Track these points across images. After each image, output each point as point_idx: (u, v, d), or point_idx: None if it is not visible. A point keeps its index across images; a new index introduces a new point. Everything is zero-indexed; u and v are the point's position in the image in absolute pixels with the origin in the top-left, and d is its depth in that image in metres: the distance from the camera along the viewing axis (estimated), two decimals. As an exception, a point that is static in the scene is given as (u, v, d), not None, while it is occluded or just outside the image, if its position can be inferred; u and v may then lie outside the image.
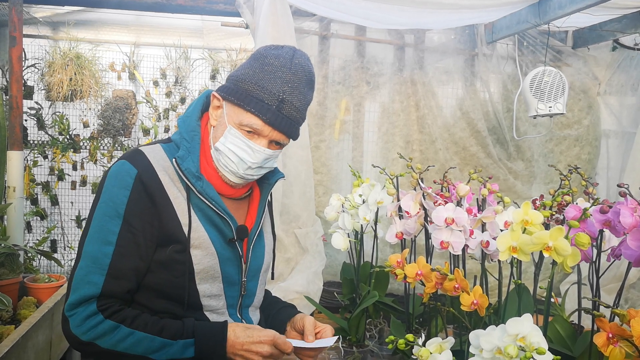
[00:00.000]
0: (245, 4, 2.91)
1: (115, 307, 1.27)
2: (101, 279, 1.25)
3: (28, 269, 2.89)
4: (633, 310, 1.17)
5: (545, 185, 3.53)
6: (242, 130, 1.34)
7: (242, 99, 1.32)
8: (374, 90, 3.36)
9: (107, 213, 1.28)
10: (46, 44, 3.30)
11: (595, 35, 3.31)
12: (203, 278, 1.35)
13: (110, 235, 1.27)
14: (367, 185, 2.20)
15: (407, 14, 2.97)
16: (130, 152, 1.37)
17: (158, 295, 1.34)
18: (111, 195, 1.29)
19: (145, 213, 1.29)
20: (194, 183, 1.33)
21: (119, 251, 1.27)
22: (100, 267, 1.26)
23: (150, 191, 1.30)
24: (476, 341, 1.20)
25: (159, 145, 1.41)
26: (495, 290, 1.93)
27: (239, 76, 1.34)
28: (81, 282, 1.26)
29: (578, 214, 1.50)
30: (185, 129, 1.39)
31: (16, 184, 2.79)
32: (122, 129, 3.31)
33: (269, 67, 1.32)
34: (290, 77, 1.32)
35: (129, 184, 1.29)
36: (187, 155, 1.35)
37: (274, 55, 1.33)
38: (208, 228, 1.36)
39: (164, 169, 1.34)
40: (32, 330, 2.00)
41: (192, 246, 1.33)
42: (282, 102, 1.31)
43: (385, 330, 2.25)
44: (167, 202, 1.31)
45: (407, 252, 1.85)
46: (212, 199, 1.35)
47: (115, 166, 1.33)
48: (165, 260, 1.32)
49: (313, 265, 2.86)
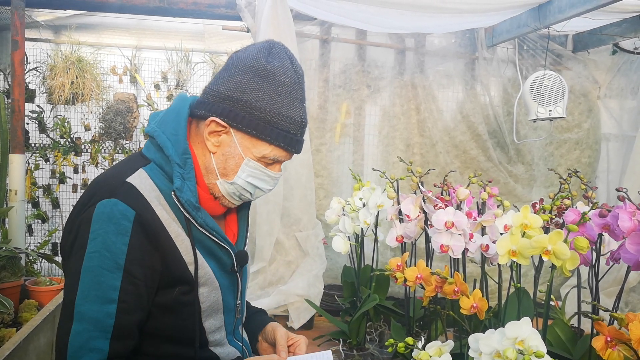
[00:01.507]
0: (246, 8, 2.92)
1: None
2: (106, 343, 1.08)
3: (29, 272, 2.90)
4: (631, 314, 1.17)
5: (546, 189, 3.53)
6: (262, 162, 1.22)
7: (266, 133, 1.18)
8: (375, 94, 3.37)
9: (103, 265, 1.09)
10: (48, 47, 3.31)
11: (595, 39, 3.32)
12: (209, 315, 1.24)
13: (111, 292, 1.09)
14: (367, 188, 2.20)
15: (407, 18, 2.98)
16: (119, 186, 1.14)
17: (164, 341, 1.20)
18: (106, 243, 1.09)
19: (145, 258, 1.13)
20: (195, 215, 1.18)
21: (123, 308, 1.09)
22: (104, 330, 1.08)
23: (151, 233, 1.13)
24: (475, 344, 1.20)
25: (142, 170, 1.19)
26: (495, 293, 1.93)
27: (251, 102, 1.18)
28: (81, 350, 1.07)
29: (577, 218, 1.50)
30: (174, 151, 1.19)
31: (18, 187, 2.80)
32: (123, 132, 3.32)
33: (283, 89, 1.19)
34: (301, 93, 1.22)
35: (127, 228, 1.10)
36: (182, 184, 1.17)
37: (280, 71, 1.20)
38: (209, 261, 1.23)
39: (159, 202, 1.16)
40: (33, 333, 2.01)
41: (199, 285, 1.20)
42: (303, 128, 1.23)
43: (385, 334, 2.25)
44: (169, 241, 1.16)
45: (407, 255, 1.85)
46: (213, 230, 1.21)
47: (105, 206, 1.11)
48: (170, 304, 1.17)
49: (314, 268, 2.87)
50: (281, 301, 2.74)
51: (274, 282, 2.85)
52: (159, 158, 1.21)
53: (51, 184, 3.34)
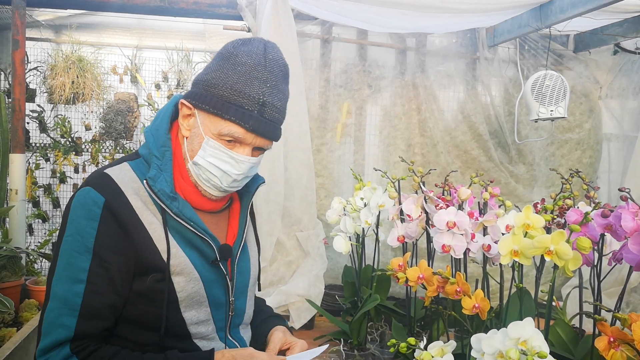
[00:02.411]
0: (247, 8, 2.92)
1: (91, 347, 1.16)
2: (73, 320, 1.13)
3: (30, 272, 2.90)
4: (634, 314, 1.17)
5: (547, 189, 3.53)
6: (221, 141, 1.22)
7: (218, 106, 1.20)
8: (376, 94, 3.37)
9: (74, 248, 1.16)
10: (49, 47, 3.31)
11: (597, 39, 3.32)
12: (188, 305, 1.24)
13: (80, 273, 1.15)
14: (368, 188, 2.20)
15: (408, 18, 2.97)
16: (96, 176, 1.22)
17: (140, 327, 1.22)
18: (78, 227, 1.16)
19: (117, 244, 1.17)
20: (169, 204, 1.21)
21: (91, 289, 1.14)
22: (72, 308, 1.14)
23: (121, 220, 1.17)
24: (478, 345, 1.20)
25: (126, 164, 1.27)
26: (496, 293, 1.93)
27: (209, 80, 1.21)
28: (52, 325, 1.14)
29: (579, 218, 1.50)
30: (154, 143, 1.25)
31: (18, 187, 2.80)
32: (123, 132, 3.32)
33: (242, 68, 1.19)
34: (267, 75, 1.20)
35: (96, 214, 1.16)
36: (158, 174, 1.22)
37: (245, 53, 1.21)
38: (188, 251, 1.24)
39: (135, 191, 1.21)
40: (34, 332, 2.00)
41: (172, 273, 1.21)
42: (263, 106, 1.20)
43: (386, 334, 2.25)
44: (141, 229, 1.19)
45: (408, 255, 1.85)
46: (190, 220, 1.23)
47: (80, 194, 1.19)
48: (145, 291, 1.20)
49: (314, 269, 2.86)
50: (282, 301, 2.74)
51: (275, 282, 2.85)
52: (146, 153, 1.27)
53: (52, 183, 3.33)
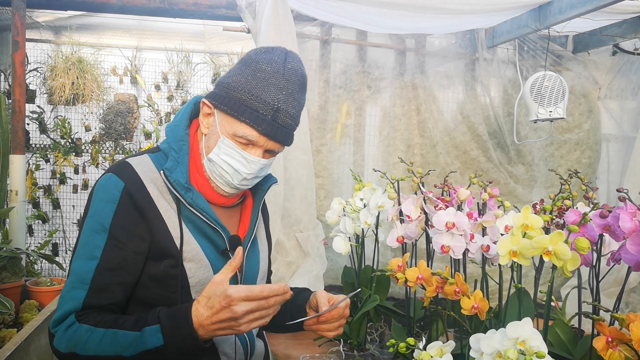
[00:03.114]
0: (247, 9, 2.92)
1: (94, 314, 1.23)
2: (83, 293, 1.22)
3: (30, 273, 2.90)
4: (632, 315, 1.17)
5: (546, 190, 3.53)
6: (236, 141, 1.30)
7: (235, 108, 1.28)
8: (375, 95, 3.37)
9: (93, 228, 1.25)
10: (48, 48, 3.32)
11: (596, 40, 3.32)
12: (198, 291, 1.29)
13: (95, 250, 1.24)
14: (368, 189, 2.20)
15: (408, 19, 2.98)
16: (117, 164, 1.33)
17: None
18: (97, 209, 1.26)
19: (133, 227, 1.26)
20: (184, 194, 1.29)
21: (103, 266, 1.23)
22: (83, 282, 1.22)
23: (138, 205, 1.26)
24: (477, 345, 1.20)
25: (147, 155, 1.36)
26: (495, 294, 1.93)
27: (230, 83, 1.30)
28: (64, 298, 1.23)
29: (578, 219, 1.50)
30: (173, 138, 1.35)
31: (18, 188, 2.80)
32: (123, 133, 3.32)
33: (261, 74, 1.27)
34: (284, 83, 1.28)
35: (115, 197, 1.26)
36: (175, 166, 1.30)
37: (265, 60, 1.29)
38: (200, 240, 1.33)
39: (153, 181, 1.31)
40: (34, 333, 2.01)
41: (184, 259, 1.29)
42: (277, 112, 1.27)
43: (386, 334, 2.25)
44: (157, 215, 1.28)
45: (408, 256, 1.85)
46: (203, 210, 1.31)
47: (102, 179, 1.29)
48: (159, 275, 1.29)
49: (314, 269, 2.87)
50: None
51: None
52: (165, 147, 1.36)
53: (52, 184, 3.34)
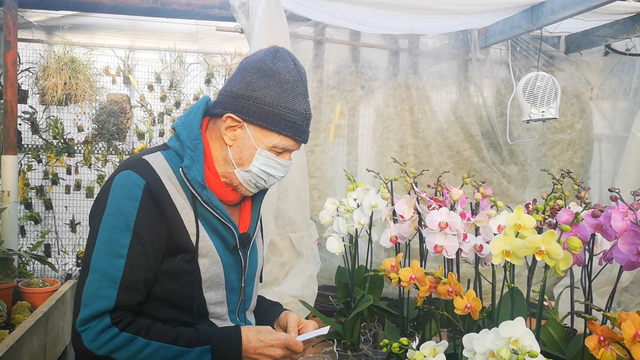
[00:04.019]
0: (240, 9, 2.92)
1: (128, 318, 1.27)
2: (114, 292, 1.25)
3: (22, 274, 2.88)
4: (624, 314, 1.18)
5: (539, 189, 3.54)
6: (273, 152, 1.40)
7: (275, 124, 1.36)
8: (369, 95, 3.37)
9: (116, 225, 1.27)
10: (41, 48, 3.29)
11: (588, 41, 3.33)
12: (209, 286, 1.38)
13: (120, 248, 1.27)
14: (361, 189, 2.21)
15: (401, 19, 2.98)
16: (135, 161, 1.36)
17: (166, 305, 1.35)
18: (119, 206, 1.28)
19: (154, 224, 1.30)
20: (200, 192, 1.35)
21: (130, 264, 1.27)
22: (113, 280, 1.25)
23: (158, 202, 1.31)
24: (469, 344, 1.21)
25: (160, 153, 1.40)
26: (489, 294, 1.94)
27: (261, 98, 1.36)
28: (93, 296, 1.25)
29: (570, 218, 1.51)
30: (187, 136, 1.39)
31: (10, 188, 2.79)
32: (116, 133, 3.31)
33: (288, 86, 1.37)
34: (303, 89, 1.40)
35: (137, 195, 1.29)
36: (192, 164, 1.35)
37: (285, 70, 1.38)
38: (213, 237, 1.38)
39: (169, 178, 1.35)
40: (26, 334, 2.00)
41: (200, 255, 1.35)
42: (308, 119, 1.41)
43: (379, 334, 2.25)
44: (174, 212, 1.33)
45: (401, 256, 1.86)
46: (217, 208, 1.37)
47: (122, 177, 1.32)
48: (173, 270, 1.33)
49: (308, 269, 2.87)
50: (275, 302, 2.74)
51: (268, 284, 2.85)
52: (177, 145, 1.40)
53: (44, 185, 3.32)
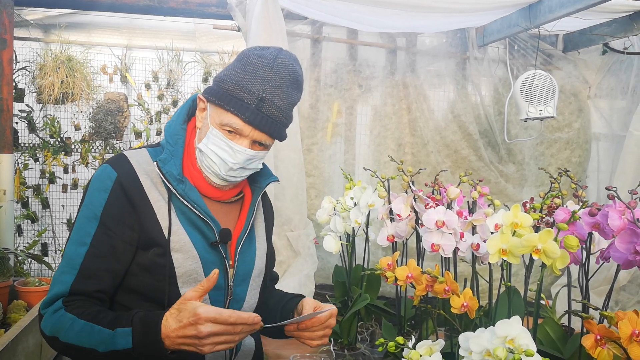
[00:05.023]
0: (237, 7, 2.91)
1: (79, 303, 1.26)
2: (71, 278, 1.26)
3: (18, 273, 2.88)
4: (621, 313, 1.18)
5: (536, 188, 3.54)
6: (223, 131, 1.34)
7: (222, 99, 1.33)
8: (366, 93, 3.37)
9: (85, 215, 1.31)
10: (37, 46, 3.28)
11: (586, 39, 3.33)
12: (185, 281, 1.34)
13: (85, 237, 1.29)
14: (358, 188, 2.20)
15: (399, 18, 2.98)
16: (115, 156, 1.39)
17: (141, 298, 1.34)
18: (91, 198, 1.32)
19: (123, 216, 1.31)
20: (176, 186, 1.33)
21: (92, 252, 1.28)
22: (73, 267, 1.27)
23: (129, 194, 1.31)
24: (466, 343, 1.20)
25: (145, 149, 1.42)
26: (486, 292, 1.93)
27: (222, 77, 1.37)
28: (55, 281, 1.28)
29: (567, 217, 1.51)
30: (169, 132, 1.41)
31: (7, 187, 2.78)
32: (113, 132, 3.30)
33: (250, 67, 1.33)
34: (271, 76, 1.32)
35: (107, 187, 1.31)
36: (169, 158, 1.35)
37: (256, 56, 1.34)
38: (190, 231, 1.36)
39: (147, 172, 1.35)
40: (22, 334, 1.99)
41: (172, 249, 1.32)
42: (261, 101, 1.31)
43: (376, 333, 2.25)
44: (147, 205, 1.32)
45: (398, 254, 1.85)
46: (194, 202, 1.35)
47: (98, 170, 1.36)
48: (146, 264, 1.32)
49: (305, 268, 2.86)
50: (272, 301, 2.73)
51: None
52: (163, 142, 1.42)
53: (41, 184, 3.31)
